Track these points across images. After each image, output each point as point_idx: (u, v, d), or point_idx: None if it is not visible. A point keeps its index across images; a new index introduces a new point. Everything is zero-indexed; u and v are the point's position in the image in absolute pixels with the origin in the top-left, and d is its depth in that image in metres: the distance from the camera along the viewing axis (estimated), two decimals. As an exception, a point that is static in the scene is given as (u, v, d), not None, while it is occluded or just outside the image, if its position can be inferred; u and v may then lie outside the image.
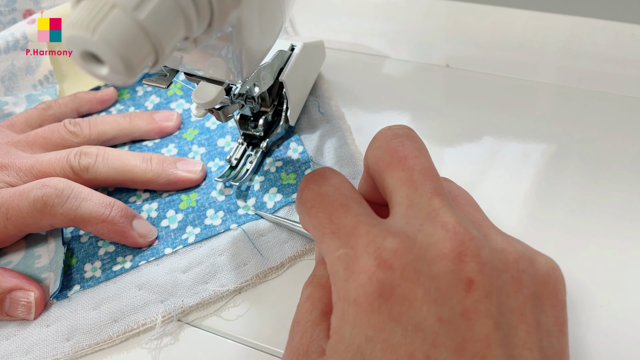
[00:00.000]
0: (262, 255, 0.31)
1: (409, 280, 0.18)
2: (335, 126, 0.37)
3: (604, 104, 0.37)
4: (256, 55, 0.27)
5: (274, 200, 0.33)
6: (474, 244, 0.19)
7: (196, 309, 0.30)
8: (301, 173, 0.35)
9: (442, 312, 0.18)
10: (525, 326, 0.19)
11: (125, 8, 0.16)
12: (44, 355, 0.28)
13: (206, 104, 0.28)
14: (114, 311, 0.30)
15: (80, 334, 0.29)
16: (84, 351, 0.29)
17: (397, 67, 0.42)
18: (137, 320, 0.29)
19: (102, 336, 0.29)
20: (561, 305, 0.20)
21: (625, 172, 0.33)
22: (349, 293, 0.19)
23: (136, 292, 0.30)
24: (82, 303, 0.30)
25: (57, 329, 0.29)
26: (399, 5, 0.48)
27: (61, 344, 0.29)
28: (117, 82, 0.17)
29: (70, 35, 0.16)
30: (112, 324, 0.29)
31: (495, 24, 0.44)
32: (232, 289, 0.30)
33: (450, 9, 0.46)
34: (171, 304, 0.30)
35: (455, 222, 0.19)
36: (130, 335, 0.29)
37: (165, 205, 0.34)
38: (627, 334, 0.27)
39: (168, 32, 0.18)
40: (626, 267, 0.29)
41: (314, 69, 0.39)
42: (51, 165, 0.32)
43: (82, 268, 0.32)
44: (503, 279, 0.19)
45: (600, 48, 0.41)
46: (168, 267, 0.31)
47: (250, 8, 0.22)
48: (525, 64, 0.41)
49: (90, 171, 0.33)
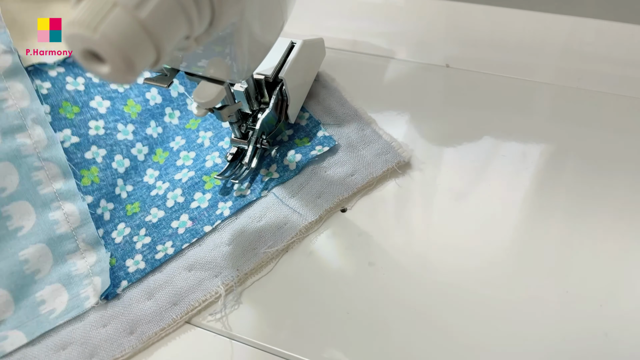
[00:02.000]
0: (300, 213, 0.32)
1: None
2: (331, 89, 0.40)
3: (603, 104, 0.37)
4: (257, 54, 0.27)
5: (295, 161, 0.35)
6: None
7: (251, 275, 0.31)
8: (314, 136, 0.36)
9: None
10: None
11: (126, 7, 0.16)
12: (111, 354, 0.28)
13: (207, 103, 0.28)
14: (170, 296, 0.30)
15: (142, 325, 0.29)
16: (151, 340, 0.29)
17: (397, 67, 0.42)
18: (197, 299, 0.30)
19: (165, 321, 0.29)
20: None
21: (625, 172, 0.33)
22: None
23: (187, 274, 0.31)
24: (134, 297, 0.30)
25: (116, 326, 0.29)
26: (399, 5, 0.48)
27: (125, 338, 0.29)
28: (118, 80, 0.17)
29: (71, 34, 0.16)
30: (172, 308, 0.30)
31: (495, 24, 0.44)
32: (280, 248, 0.31)
33: (450, 9, 0.46)
34: (227, 275, 0.30)
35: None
36: (193, 314, 0.30)
37: (189, 190, 0.35)
38: (627, 333, 0.27)
39: (169, 31, 0.18)
40: (625, 267, 0.29)
41: (313, 66, 0.39)
42: None
43: (124, 265, 0.32)
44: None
45: (600, 48, 0.41)
46: (211, 245, 0.32)
47: (251, 7, 0.22)
48: (524, 64, 0.41)
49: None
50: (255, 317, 0.29)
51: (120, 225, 0.34)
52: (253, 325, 0.29)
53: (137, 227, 0.34)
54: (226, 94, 0.29)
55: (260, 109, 0.35)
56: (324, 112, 0.38)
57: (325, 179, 0.34)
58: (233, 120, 0.33)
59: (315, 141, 0.36)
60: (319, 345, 0.28)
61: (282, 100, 0.35)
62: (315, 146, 0.36)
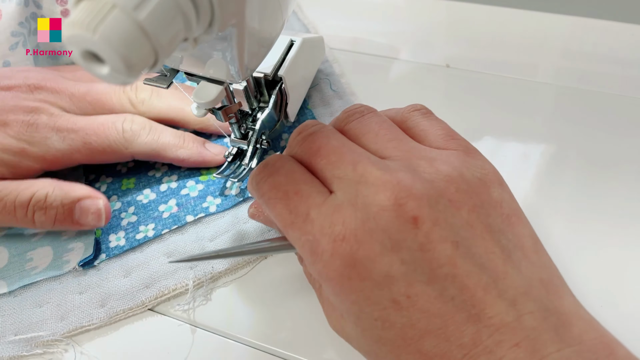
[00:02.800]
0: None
1: (363, 242, 0.20)
2: (348, 102, 0.39)
3: (603, 104, 0.37)
4: (257, 54, 0.27)
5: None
6: (403, 186, 0.20)
7: (225, 274, 0.31)
8: None
9: (402, 255, 0.20)
10: (480, 234, 0.21)
11: (125, 8, 0.16)
12: (79, 321, 0.29)
13: (207, 103, 0.28)
14: (144, 278, 0.31)
15: (113, 300, 0.30)
16: (118, 316, 0.30)
17: (397, 67, 0.42)
18: (168, 286, 0.30)
19: (135, 301, 0.30)
20: (499, 202, 0.22)
21: (625, 172, 0.33)
22: (322, 273, 0.21)
23: (165, 259, 0.31)
24: (112, 271, 0.31)
25: (90, 296, 0.30)
26: (399, 5, 0.48)
27: (96, 310, 0.30)
28: (118, 81, 0.17)
29: (70, 35, 0.16)
30: (144, 290, 0.30)
31: (495, 24, 0.44)
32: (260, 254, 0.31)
33: (450, 9, 0.46)
34: (201, 270, 0.31)
35: (381, 174, 0.21)
36: (162, 300, 0.30)
37: (185, 177, 0.36)
38: (627, 333, 0.27)
39: (168, 32, 0.18)
40: (626, 267, 0.29)
41: (313, 64, 0.39)
42: (108, 95, 0.34)
43: (107, 239, 0.33)
44: (442, 204, 0.21)
45: (600, 48, 0.41)
46: (194, 236, 0.32)
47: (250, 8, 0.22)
48: (525, 64, 0.41)
49: (145, 104, 0.34)
50: (255, 317, 0.29)
51: (113, 198, 0.35)
52: (252, 326, 0.29)
53: (127, 205, 0.35)
54: (226, 95, 0.29)
55: (260, 107, 0.35)
56: (331, 116, 0.38)
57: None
58: (233, 120, 0.33)
59: None
60: (319, 345, 0.28)
61: (281, 99, 0.35)
62: None
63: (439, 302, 0.19)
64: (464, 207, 0.21)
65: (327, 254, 0.21)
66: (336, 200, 0.22)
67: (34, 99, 0.32)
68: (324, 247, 0.21)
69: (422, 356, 0.20)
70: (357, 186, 0.21)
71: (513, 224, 0.22)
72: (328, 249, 0.21)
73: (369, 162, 0.22)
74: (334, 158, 0.23)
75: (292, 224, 0.22)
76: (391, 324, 0.20)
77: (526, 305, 0.19)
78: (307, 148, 0.24)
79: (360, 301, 0.20)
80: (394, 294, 0.20)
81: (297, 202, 0.22)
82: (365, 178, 0.21)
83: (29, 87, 0.32)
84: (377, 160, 0.22)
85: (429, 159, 0.22)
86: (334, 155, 0.23)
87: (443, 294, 0.19)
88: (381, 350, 0.21)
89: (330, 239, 0.21)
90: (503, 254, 0.20)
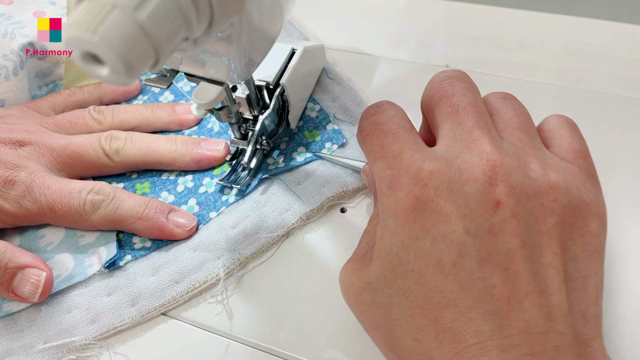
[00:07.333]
0: (302, 200, 0.33)
1: (442, 197, 0.20)
2: (347, 87, 0.40)
3: (603, 104, 0.37)
4: (256, 55, 0.27)
5: (304, 156, 0.36)
6: (504, 170, 0.21)
7: (252, 259, 0.31)
8: (322, 128, 0.37)
9: (469, 226, 0.20)
10: (553, 248, 0.20)
11: (125, 9, 0.16)
12: (111, 322, 0.29)
13: (206, 104, 0.28)
14: (173, 273, 0.31)
15: (144, 299, 0.30)
16: (150, 314, 0.30)
17: (397, 67, 0.42)
18: (199, 279, 0.30)
19: (165, 298, 0.30)
20: (590, 236, 0.22)
21: (625, 172, 0.33)
22: (390, 207, 0.21)
23: (191, 253, 0.32)
24: (139, 271, 0.31)
25: (119, 297, 0.30)
26: (399, 6, 0.48)
27: (127, 309, 0.30)
28: (117, 82, 0.17)
29: (70, 36, 0.16)
30: (174, 285, 0.30)
31: (495, 24, 0.44)
32: (281, 233, 0.32)
33: (450, 9, 0.46)
34: (229, 258, 0.31)
35: (491, 150, 0.21)
36: (193, 294, 0.30)
37: (199, 175, 0.36)
38: (627, 334, 0.27)
39: (168, 33, 0.18)
40: (625, 267, 0.29)
41: (314, 72, 0.39)
42: (84, 147, 0.34)
43: (131, 240, 0.33)
44: (533, 204, 0.21)
45: (600, 48, 0.41)
46: (217, 227, 0.33)
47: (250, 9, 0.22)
48: (524, 64, 0.41)
49: (120, 153, 0.34)
50: (255, 318, 0.29)
51: None
52: (252, 326, 0.29)
53: None
54: (225, 95, 0.29)
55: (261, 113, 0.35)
56: (338, 109, 0.38)
57: (333, 170, 0.35)
58: (233, 121, 0.33)
59: (325, 135, 0.36)
60: (319, 345, 0.28)
61: (283, 107, 0.35)
62: (325, 142, 0.36)
63: (478, 283, 0.19)
64: (552, 217, 0.21)
65: (403, 191, 0.21)
66: (434, 152, 0.22)
67: (17, 155, 0.32)
68: (402, 183, 0.21)
69: (437, 325, 0.20)
70: (463, 149, 0.22)
71: (589, 258, 0.21)
72: (405, 187, 0.21)
73: (486, 133, 0.22)
74: (461, 111, 0.23)
75: (382, 157, 0.23)
76: (425, 281, 0.20)
77: (560, 326, 0.19)
78: (444, 89, 0.24)
79: (410, 247, 0.21)
80: (443, 255, 0.20)
81: (392, 141, 0.23)
82: (475, 145, 0.21)
83: (14, 143, 0.33)
84: (495, 136, 0.22)
85: (544, 163, 0.22)
86: (462, 109, 0.23)
87: (486, 279, 0.19)
88: (401, 303, 0.21)
89: (412, 179, 0.21)
90: (564, 276, 0.20)
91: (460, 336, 0.19)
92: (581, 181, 0.22)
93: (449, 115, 0.23)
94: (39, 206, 0.31)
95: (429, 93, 0.25)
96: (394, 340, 0.21)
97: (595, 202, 0.22)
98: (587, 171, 0.23)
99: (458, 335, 0.19)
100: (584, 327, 0.20)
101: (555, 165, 0.22)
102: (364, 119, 0.26)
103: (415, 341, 0.20)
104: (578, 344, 0.19)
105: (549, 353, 0.18)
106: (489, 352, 0.18)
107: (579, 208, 0.22)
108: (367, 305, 0.22)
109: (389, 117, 0.25)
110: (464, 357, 0.19)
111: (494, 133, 0.23)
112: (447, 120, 0.23)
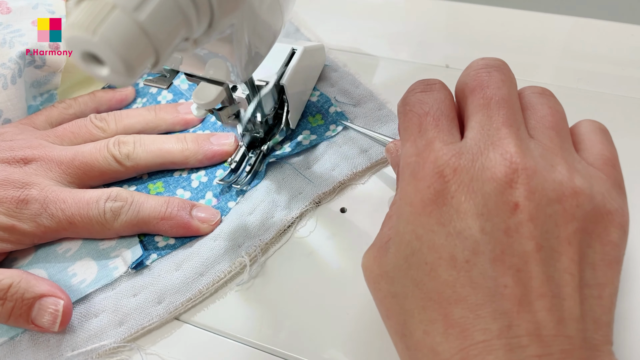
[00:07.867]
0: (313, 182, 0.34)
1: (461, 194, 0.20)
2: (343, 73, 0.40)
3: (603, 104, 0.37)
4: (256, 55, 0.27)
5: (309, 139, 0.36)
6: (526, 173, 0.20)
7: (272, 244, 0.32)
8: (325, 112, 0.37)
9: (485, 225, 0.20)
10: (570, 254, 0.20)
11: (125, 9, 0.16)
12: (139, 322, 0.29)
13: (206, 104, 0.28)
14: (197, 266, 0.31)
15: (170, 295, 0.30)
16: (177, 310, 0.29)
17: (397, 67, 0.42)
18: (223, 269, 0.30)
19: (192, 292, 0.30)
20: (611, 245, 0.21)
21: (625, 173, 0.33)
22: (408, 194, 0.22)
23: (212, 243, 0.32)
24: (163, 268, 0.31)
25: (145, 296, 0.30)
26: (399, 6, 0.48)
27: (154, 308, 0.29)
28: (118, 82, 0.17)
29: (70, 36, 0.16)
30: (199, 278, 0.30)
31: (495, 24, 0.44)
32: (296, 215, 0.32)
33: (450, 9, 0.46)
34: (250, 245, 0.31)
35: (515, 152, 0.21)
36: (219, 286, 0.30)
37: (212, 169, 0.36)
38: (627, 333, 0.27)
39: (168, 33, 0.18)
40: (625, 267, 0.29)
41: (314, 72, 0.39)
42: (93, 156, 0.33)
43: (153, 240, 0.33)
44: (554, 209, 0.20)
45: (600, 48, 0.41)
46: (234, 214, 0.33)
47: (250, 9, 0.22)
48: (524, 64, 0.41)
49: (131, 158, 0.34)
50: (255, 318, 0.29)
51: None
52: (252, 326, 0.29)
53: None
54: (225, 95, 0.29)
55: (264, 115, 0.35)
56: (338, 93, 0.39)
57: (341, 154, 0.35)
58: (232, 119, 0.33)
59: (329, 119, 0.37)
60: (319, 345, 0.28)
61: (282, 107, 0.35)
62: (329, 125, 0.37)
63: (490, 282, 0.19)
64: (573, 223, 0.20)
65: (425, 183, 0.21)
66: (462, 146, 0.22)
67: (24, 172, 0.32)
68: (426, 175, 0.21)
69: (446, 319, 0.20)
70: (488, 145, 0.21)
71: (608, 267, 0.21)
72: (428, 180, 0.21)
73: (514, 132, 0.21)
74: (493, 106, 0.22)
75: (414, 141, 0.23)
76: (437, 274, 0.20)
77: (569, 330, 0.19)
78: (480, 79, 0.24)
79: (424, 238, 0.21)
80: (456, 251, 0.20)
81: (430, 127, 0.23)
82: (500, 144, 0.21)
83: (18, 161, 0.32)
84: (524, 136, 0.22)
85: (572, 167, 0.22)
86: (495, 104, 0.22)
87: (498, 279, 0.19)
88: (415, 294, 0.21)
89: (435, 172, 0.21)
90: (579, 282, 0.20)
91: (468, 332, 0.19)
92: (607, 189, 0.22)
93: (480, 108, 0.23)
94: (58, 221, 0.31)
95: (465, 80, 0.24)
96: (405, 330, 0.21)
97: (619, 211, 0.22)
98: (614, 180, 0.23)
99: (466, 331, 0.19)
100: (595, 333, 0.20)
101: (582, 170, 0.22)
102: (411, 92, 0.25)
103: (425, 333, 0.20)
104: (587, 349, 0.19)
105: (555, 356, 0.18)
106: (495, 350, 0.18)
107: (602, 216, 0.21)
108: (383, 293, 0.22)
109: (436, 99, 0.24)
110: (470, 354, 0.19)
111: (523, 132, 0.22)
112: (478, 112, 0.23)
